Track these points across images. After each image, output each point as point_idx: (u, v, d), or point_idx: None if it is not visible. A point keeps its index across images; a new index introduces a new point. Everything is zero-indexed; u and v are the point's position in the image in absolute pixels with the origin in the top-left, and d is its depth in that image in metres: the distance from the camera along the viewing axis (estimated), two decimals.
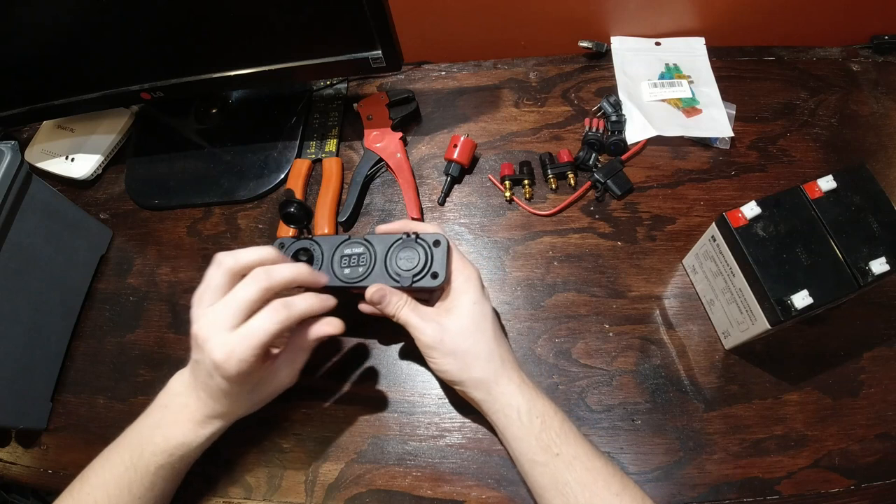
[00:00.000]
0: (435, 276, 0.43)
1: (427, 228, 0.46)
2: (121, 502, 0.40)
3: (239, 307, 0.38)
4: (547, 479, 0.39)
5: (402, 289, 0.44)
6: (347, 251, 0.46)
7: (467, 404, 0.49)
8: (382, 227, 0.47)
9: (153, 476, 0.41)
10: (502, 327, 0.51)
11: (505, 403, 0.41)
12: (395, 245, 0.45)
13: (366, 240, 0.46)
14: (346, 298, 0.46)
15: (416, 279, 0.43)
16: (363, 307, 0.46)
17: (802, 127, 0.60)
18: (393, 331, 0.53)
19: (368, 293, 0.43)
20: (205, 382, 0.40)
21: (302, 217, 0.45)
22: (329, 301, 0.42)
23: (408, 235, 0.45)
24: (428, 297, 0.48)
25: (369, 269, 0.45)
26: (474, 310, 0.43)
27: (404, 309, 0.43)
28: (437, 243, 0.44)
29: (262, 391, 0.43)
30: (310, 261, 0.46)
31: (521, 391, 0.41)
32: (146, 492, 0.41)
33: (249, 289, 0.38)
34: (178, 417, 0.42)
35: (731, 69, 0.65)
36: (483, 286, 0.45)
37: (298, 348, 0.43)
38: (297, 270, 0.41)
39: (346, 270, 0.45)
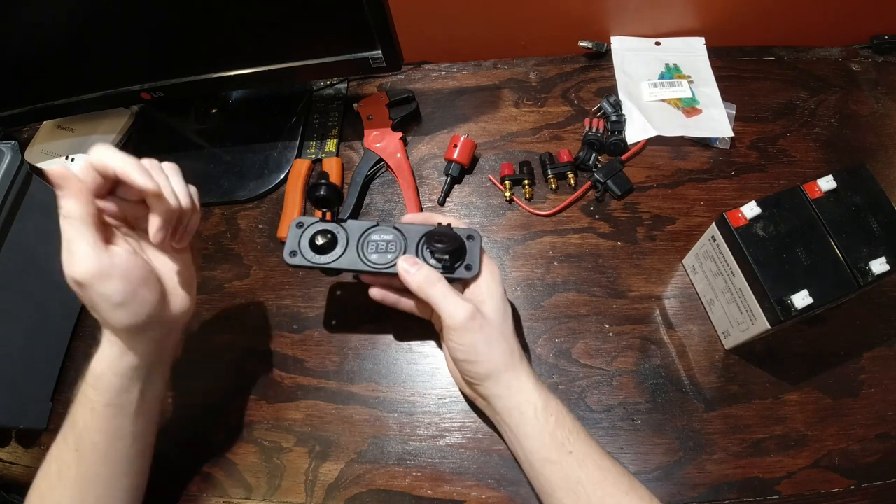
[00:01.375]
0: (469, 267, 0.44)
1: (458, 224, 0.46)
2: (66, 458, 0.39)
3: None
4: (559, 477, 0.39)
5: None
6: (375, 237, 0.45)
7: (467, 404, 0.49)
8: (408, 217, 0.47)
9: (76, 418, 0.38)
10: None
11: (522, 400, 0.41)
12: (428, 235, 0.44)
13: (396, 227, 0.45)
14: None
15: (451, 269, 0.44)
16: (374, 293, 0.47)
17: (802, 127, 0.60)
18: (393, 330, 0.53)
19: (402, 260, 0.43)
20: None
21: (333, 200, 0.45)
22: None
23: (439, 225, 0.45)
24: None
25: (398, 256, 0.44)
26: (503, 303, 0.43)
27: (439, 283, 0.41)
28: (470, 237, 0.44)
29: (135, 274, 0.37)
30: (332, 243, 0.45)
31: (536, 388, 0.41)
32: (78, 439, 0.38)
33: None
34: (95, 354, 0.39)
35: (731, 69, 0.65)
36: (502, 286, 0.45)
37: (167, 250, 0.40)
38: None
39: (374, 256, 0.45)
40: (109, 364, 0.38)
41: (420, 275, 0.42)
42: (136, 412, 0.40)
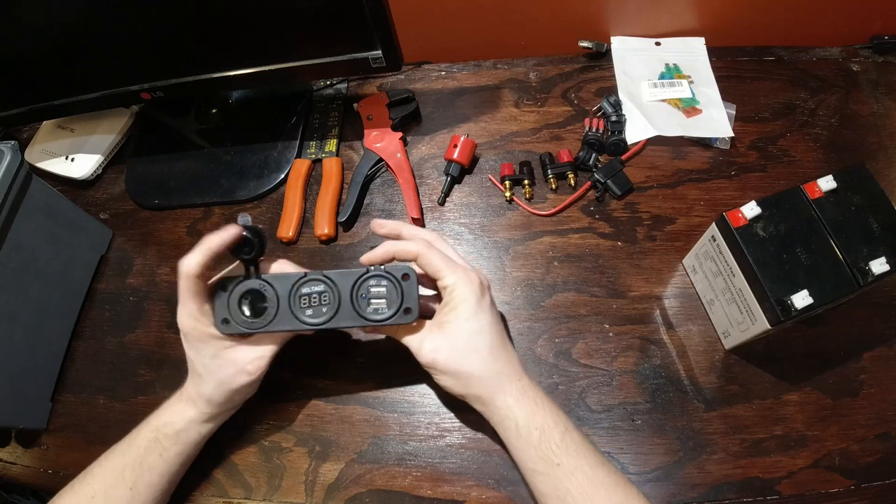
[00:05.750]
0: (408, 311, 0.42)
1: (409, 247, 0.43)
2: (116, 493, 0.42)
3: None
4: (547, 486, 0.39)
5: (373, 328, 0.43)
6: (306, 290, 0.42)
7: (467, 404, 0.49)
8: (366, 257, 0.45)
9: (142, 460, 0.42)
10: (507, 332, 0.51)
11: (503, 416, 0.41)
12: (360, 281, 0.42)
13: (325, 276, 0.42)
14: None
15: (389, 319, 0.42)
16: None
17: (802, 127, 0.60)
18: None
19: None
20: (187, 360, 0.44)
21: (257, 249, 0.41)
22: (229, 231, 0.41)
23: (369, 270, 0.42)
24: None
25: (335, 310, 0.42)
26: (466, 327, 0.42)
27: (399, 330, 0.44)
28: (405, 276, 0.42)
29: (223, 370, 0.43)
30: (261, 305, 0.42)
31: (518, 405, 0.41)
32: (137, 478, 0.42)
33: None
34: (171, 400, 0.45)
35: (731, 69, 0.65)
36: (483, 294, 0.43)
37: (266, 339, 0.44)
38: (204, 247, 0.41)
39: (309, 312, 0.42)
40: (192, 422, 0.44)
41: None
42: (194, 457, 0.46)
